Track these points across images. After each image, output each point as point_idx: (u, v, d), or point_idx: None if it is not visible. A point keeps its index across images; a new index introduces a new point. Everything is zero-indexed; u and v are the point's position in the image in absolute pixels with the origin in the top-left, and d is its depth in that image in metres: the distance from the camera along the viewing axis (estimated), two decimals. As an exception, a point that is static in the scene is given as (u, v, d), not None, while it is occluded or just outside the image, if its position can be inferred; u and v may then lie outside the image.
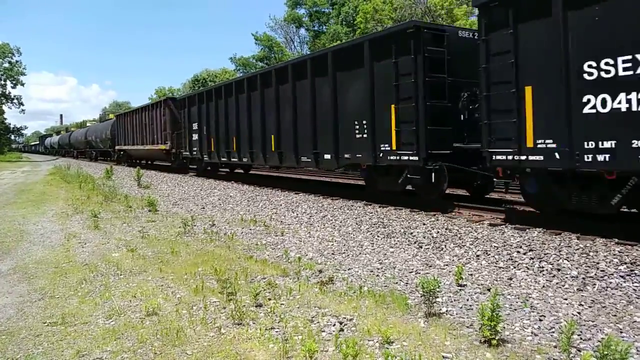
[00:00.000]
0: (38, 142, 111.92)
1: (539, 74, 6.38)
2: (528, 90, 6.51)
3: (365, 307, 4.31)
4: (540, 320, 3.95)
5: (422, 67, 8.12)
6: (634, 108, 5.35)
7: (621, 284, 4.68)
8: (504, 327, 3.68)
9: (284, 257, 6.30)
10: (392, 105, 8.70)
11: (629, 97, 5.40)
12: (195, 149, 18.36)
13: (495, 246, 6.13)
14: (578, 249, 5.62)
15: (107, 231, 8.28)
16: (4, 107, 59.53)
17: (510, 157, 6.77)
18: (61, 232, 8.25)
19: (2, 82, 57.68)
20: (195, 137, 18.26)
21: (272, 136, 12.73)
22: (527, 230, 6.64)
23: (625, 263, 5.07)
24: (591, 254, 5.45)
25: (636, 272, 4.85)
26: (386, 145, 8.97)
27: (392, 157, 8.86)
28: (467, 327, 3.84)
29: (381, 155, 9.11)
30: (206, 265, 5.76)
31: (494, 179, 8.11)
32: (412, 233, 7.22)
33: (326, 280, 5.10)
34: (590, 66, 5.74)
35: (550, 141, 6.26)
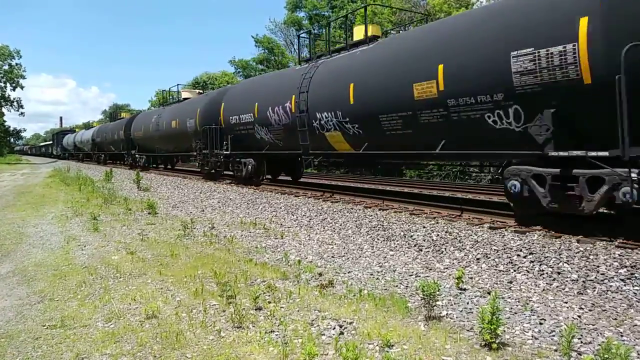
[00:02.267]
0: (50, 142, 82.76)
1: None
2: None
3: (365, 310, 4.30)
4: (541, 323, 3.95)
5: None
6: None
7: (621, 288, 4.68)
8: (505, 331, 3.68)
9: (284, 260, 6.29)
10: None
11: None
12: None
13: (495, 249, 6.12)
14: (578, 252, 5.62)
15: (107, 234, 8.27)
16: (4, 110, 59.49)
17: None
18: (60, 235, 8.24)
19: (2, 85, 57.67)
20: None
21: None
22: (527, 233, 6.64)
23: (626, 266, 5.07)
24: (591, 257, 5.44)
25: (636, 275, 4.85)
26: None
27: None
28: (468, 330, 3.83)
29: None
30: (206, 268, 5.75)
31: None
32: (412, 236, 7.21)
33: (326, 284, 5.09)
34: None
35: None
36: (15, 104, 59.52)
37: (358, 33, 11.82)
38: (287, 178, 17.01)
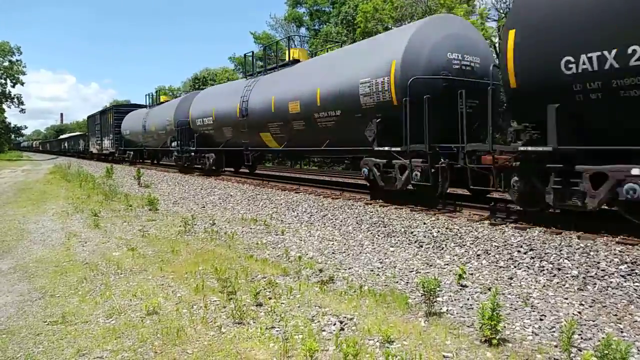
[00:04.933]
0: (78, 133, 57.01)
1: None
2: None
3: (365, 306, 4.31)
4: (541, 319, 3.95)
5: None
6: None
7: (622, 284, 4.68)
8: (505, 327, 3.68)
9: (285, 256, 6.29)
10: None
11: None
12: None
13: (495, 245, 6.13)
14: (579, 249, 5.62)
15: (108, 230, 8.28)
16: (4, 106, 59.40)
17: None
18: (61, 231, 8.25)
19: (2, 81, 57.57)
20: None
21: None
22: (528, 229, 6.64)
23: (626, 262, 5.07)
24: (592, 253, 5.44)
25: (637, 271, 4.85)
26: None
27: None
28: (468, 326, 3.84)
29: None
30: (206, 265, 5.75)
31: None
32: (412, 232, 7.21)
33: (326, 280, 5.10)
34: None
35: None
36: (15, 100, 59.47)
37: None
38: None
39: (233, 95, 15.94)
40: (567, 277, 4.99)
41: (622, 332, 3.70)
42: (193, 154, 19.41)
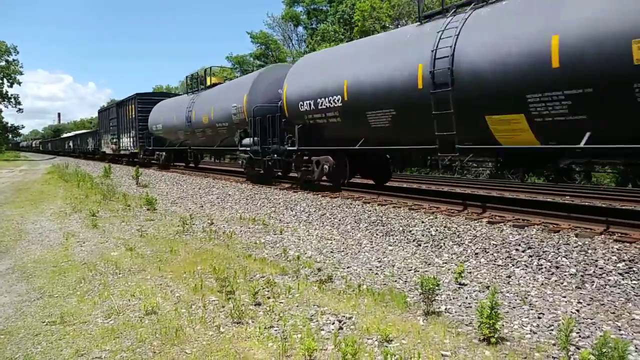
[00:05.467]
0: (86, 130, 53.88)
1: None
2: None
3: (364, 305, 4.31)
4: (539, 318, 3.96)
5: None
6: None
7: (620, 282, 4.69)
8: (503, 325, 3.69)
9: (283, 255, 6.29)
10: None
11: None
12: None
13: (494, 244, 6.14)
14: (577, 247, 5.63)
15: (106, 230, 8.27)
16: (1, 106, 59.24)
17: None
18: (59, 231, 8.24)
19: (-1, 81, 57.36)
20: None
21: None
22: (526, 228, 6.65)
23: (624, 260, 5.09)
24: (590, 251, 5.46)
25: (635, 269, 4.87)
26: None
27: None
28: (466, 325, 3.85)
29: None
30: (205, 264, 5.75)
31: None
32: (410, 231, 7.22)
33: (325, 279, 5.10)
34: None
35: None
36: (13, 100, 59.28)
37: None
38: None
39: (397, 51, 9.01)
40: (565, 275, 5.00)
41: (619, 330, 3.71)
42: (282, 156, 12.77)
